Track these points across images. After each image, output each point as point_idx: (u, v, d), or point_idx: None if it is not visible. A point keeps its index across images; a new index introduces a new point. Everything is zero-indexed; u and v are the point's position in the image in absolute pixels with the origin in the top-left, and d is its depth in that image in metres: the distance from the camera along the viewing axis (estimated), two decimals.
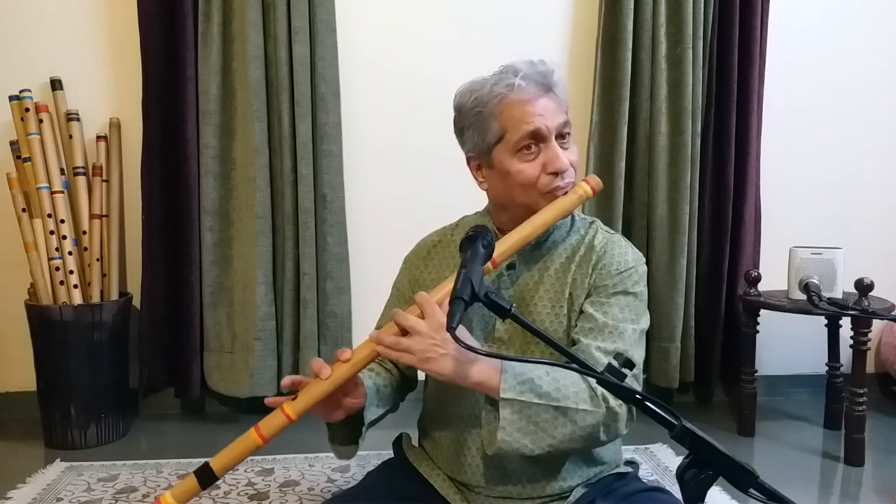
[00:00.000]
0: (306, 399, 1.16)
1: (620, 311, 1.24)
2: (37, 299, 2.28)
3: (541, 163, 1.23)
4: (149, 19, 2.36)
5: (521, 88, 1.22)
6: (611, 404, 1.15)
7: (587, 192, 1.25)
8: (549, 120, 1.22)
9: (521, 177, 1.23)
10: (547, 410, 1.13)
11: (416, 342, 1.12)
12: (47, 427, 2.30)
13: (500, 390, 1.12)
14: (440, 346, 1.11)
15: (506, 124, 1.23)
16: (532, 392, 1.13)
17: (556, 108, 1.24)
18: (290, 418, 1.16)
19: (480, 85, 1.25)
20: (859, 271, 2.20)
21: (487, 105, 1.24)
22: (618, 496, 1.27)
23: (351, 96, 2.51)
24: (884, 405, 2.76)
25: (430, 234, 1.47)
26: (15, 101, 2.30)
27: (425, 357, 1.12)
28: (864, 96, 2.79)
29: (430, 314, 1.12)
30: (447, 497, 1.31)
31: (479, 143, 1.27)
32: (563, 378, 1.15)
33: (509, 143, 1.23)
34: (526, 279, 1.30)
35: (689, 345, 2.63)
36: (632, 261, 1.29)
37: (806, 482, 2.10)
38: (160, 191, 2.42)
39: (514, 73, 1.24)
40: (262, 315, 2.44)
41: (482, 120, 1.25)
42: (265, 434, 1.17)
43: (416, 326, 1.12)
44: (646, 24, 2.50)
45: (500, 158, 1.25)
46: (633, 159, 2.59)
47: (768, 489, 0.87)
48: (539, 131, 1.22)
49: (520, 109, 1.22)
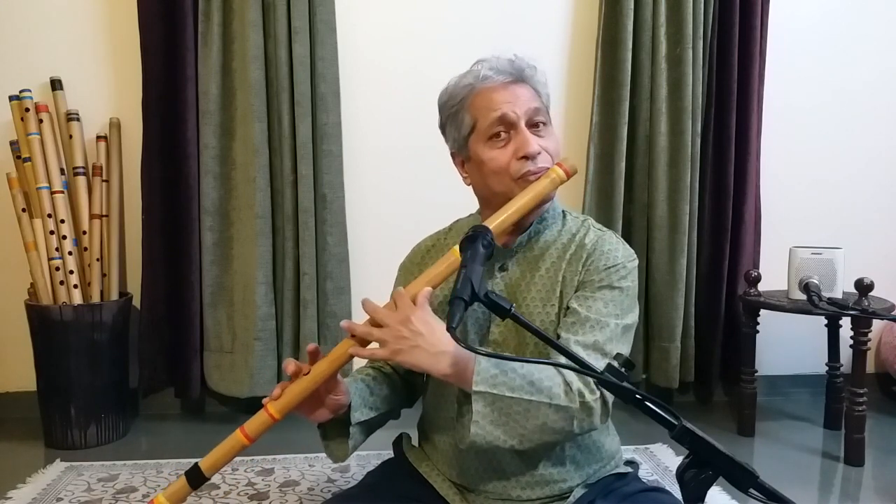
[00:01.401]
0: (288, 397, 1.18)
1: (605, 306, 1.24)
2: (37, 299, 2.28)
3: (512, 149, 1.24)
4: (149, 19, 2.36)
5: (487, 77, 1.25)
6: (586, 399, 1.15)
7: (560, 176, 1.24)
8: (517, 106, 1.24)
9: (493, 164, 1.25)
10: (519, 403, 1.13)
11: (385, 333, 1.14)
12: (47, 427, 2.30)
13: (473, 383, 1.12)
14: (409, 339, 1.12)
15: (476, 114, 1.26)
16: (505, 385, 1.13)
17: (527, 96, 1.26)
18: (273, 417, 1.18)
19: (454, 81, 1.30)
20: (859, 271, 2.20)
21: (458, 98, 1.28)
22: (618, 496, 1.27)
23: (351, 96, 2.51)
24: (884, 405, 2.76)
25: (423, 240, 1.47)
26: (15, 101, 2.30)
27: (395, 349, 1.13)
28: (864, 96, 2.79)
29: (400, 306, 1.14)
30: (447, 497, 1.31)
31: (456, 138, 1.31)
32: (537, 371, 1.15)
33: (480, 131, 1.26)
34: (517, 279, 1.30)
35: (689, 345, 2.63)
36: (620, 257, 1.28)
37: (806, 482, 2.10)
38: (160, 191, 2.42)
39: (480, 63, 1.28)
40: (262, 315, 2.44)
41: (455, 113, 1.29)
42: (250, 434, 1.20)
43: (384, 319, 1.14)
44: (646, 24, 2.50)
45: (474, 149, 1.28)
46: (633, 159, 2.59)
47: (768, 489, 0.87)
48: (506, 116, 1.23)
49: (487, 97, 1.25)
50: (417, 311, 1.13)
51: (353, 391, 1.29)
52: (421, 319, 1.13)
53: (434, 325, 1.14)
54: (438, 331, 1.13)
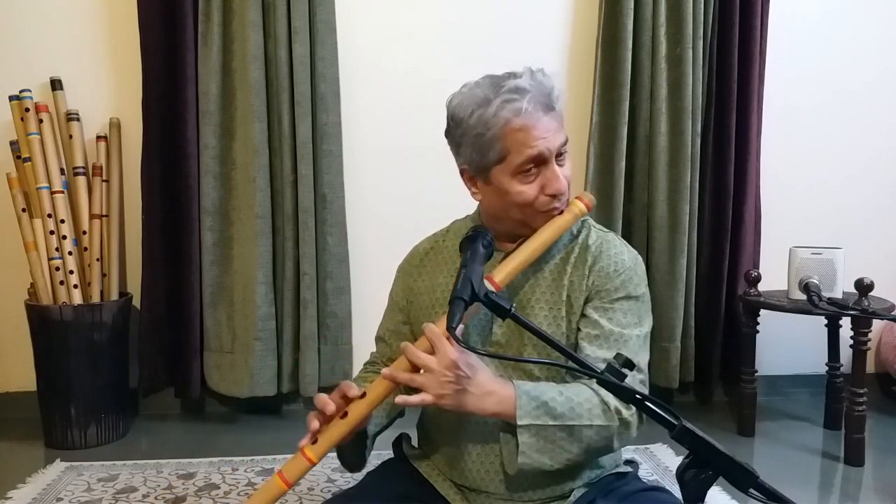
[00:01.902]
0: (327, 442, 1.16)
1: (624, 317, 1.25)
2: (37, 299, 2.28)
3: (539, 184, 1.23)
4: (149, 19, 2.36)
5: (527, 114, 1.18)
6: (623, 416, 1.18)
7: (582, 210, 1.26)
8: (550, 142, 1.21)
9: (520, 198, 1.23)
10: (563, 430, 1.15)
11: (429, 379, 1.12)
12: (47, 427, 2.30)
13: (517, 417, 1.14)
14: (454, 383, 1.12)
15: (509, 147, 1.20)
16: (548, 415, 1.15)
17: (556, 127, 1.22)
18: (311, 461, 1.16)
19: (483, 103, 1.20)
20: (859, 271, 2.20)
21: (491, 127, 1.20)
22: (618, 496, 1.27)
23: (351, 96, 2.51)
24: (884, 405, 2.76)
25: (421, 242, 1.46)
26: (15, 101, 2.30)
27: (440, 394, 1.12)
28: (864, 96, 2.79)
29: (440, 350, 1.12)
30: (447, 497, 1.31)
31: (476, 161, 1.25)
32: (576, 396, 1.17)
33: (511, 165, 1.21)
34: (521, 284, 1.29)
35: (689, 345, 2.63)
36: (629, 261, 1.29)
37: (806, 482, 2.10)
38: (160, 191, 2.42)
39: (519, 93, 1.19)
40: (262, 315, 2.44)
41: (484, 141, 1.21)
42: (289, 479, 1.17)
43: (428, 364, 1.12)
44: (646, 24, 2.50)
45: (498, 178, 1.24)
46: (633, 159, 2.59)
47: (768, 489, 0.87)
48: (542, 155, 1.21)
49: (525, 134, 1.19)
50: (460, 353, 1.12)
51: None
52: (465, 363, 1.12)
53: (477, 366, 1.15)
54: (482, 371, 1.15)
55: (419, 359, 1.13)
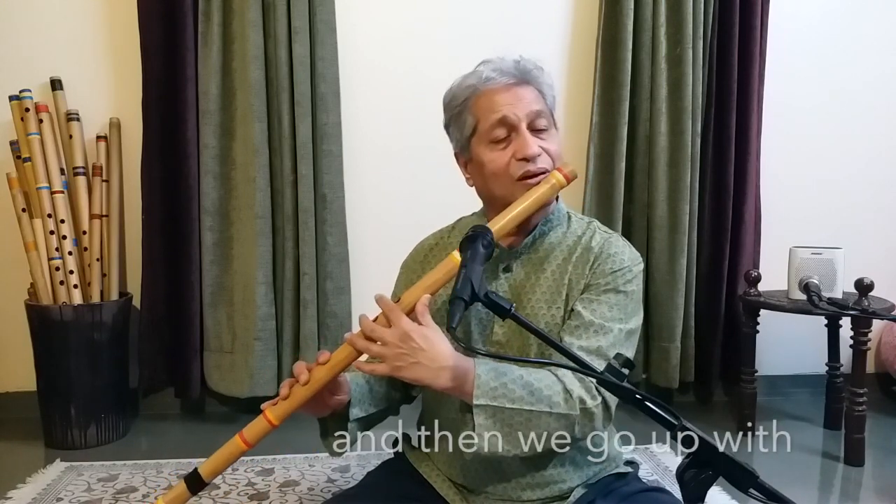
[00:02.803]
0: (287, 404, 1.18)
1: (609, 310, 1.24)
2: (37, 299, 2.28)
3: (511, 151, 1.24)
4: (149, 19, 2.36)
5: (490, 79, 1.24)
6: (587, 405, 1.15)
7: (560, 181, 1.24)
8: (518, 108, 1.23)
9: (492, 165, 1.25)
10: (520, 413, 1.13)
11: (384, 350, 1.12)
12: (47, 427, 2.30)
13: (473, 396, 1.12)
14: (409, 355, 1.11)
15: (477, 115, 1.26)
16: (505, 397, 1.13)
17: (530, 98, 1.25)
18: (272, 423, 1.19)
19: (458, 81, 1.30)
20: (859, 271, 2.20)
21: (461, 98, 1.27)
22: (618, 496, 1.27)
23: (351, 96, 2.51)
24: (884, 405, 2.76)
25: (426, 238, 1.46)
26: (15, 101, 2.30)
27: (395, 365, 1.12)
28: (864, 96, 2.79)
29: (394, 322, 1.12)
30: (447, 498, 1.31)
31: (459, 139, 1.31)
32: (537, 381, 1.15)
33: (481, 133, 1.26)
34: (522, 280, 1.29)
35: (689, 345, 2.63)
36: (627, 260, 1.28)
37: (806, 482, 2.10)
38: (160, 191, 2.42)
39: (484, 64, 1.27)
40: (262, 315, 2.44)
41: (458, 114, 1.28)
42: (249, 439, 1.21)
43: (383, 336, 1.12)
44: (646, 24, 2.50)
45: (476, 150, 1.28)
46: (633, 159, 2.59)
47: (768, 489, 0.87)
48: (507, 118, 1.23)
49: (489, 99, 1.24)
50: (415, 325, 1.12)
51: (353, 387, 1.29)
52: (420, 335, 1.11)
53: (433, 339, 1.12)
54: (438, 344, 1.12)
55: (374, 331, 1.13)
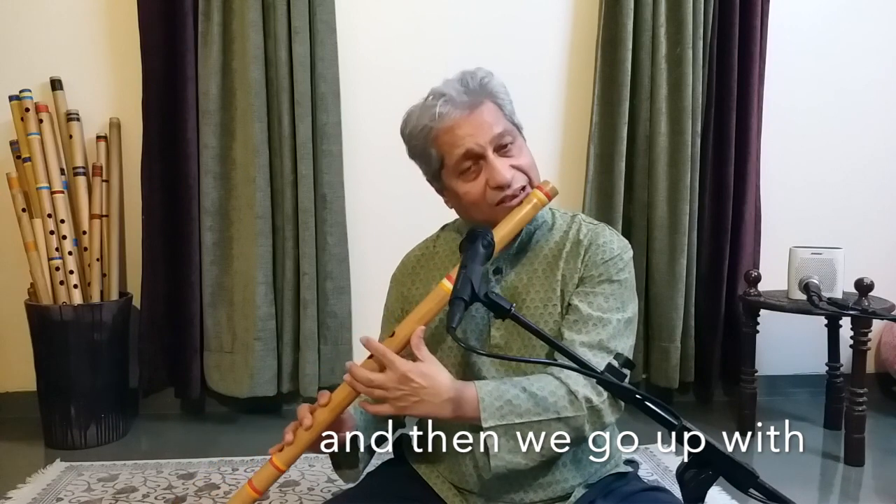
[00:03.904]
0: (293, 449, 1.20)
1: (605, 301, 1.23)
2: (37, 299, 2.28)
3: (484, 178, 1.22)
4: (149, 19, 2.36)
5: (442, 116, 1.21)
6: (594, 403, 1.15)
7: (542, 200, 1.22)
8: (480, 137, 1.20)
9: (468, 197, 1.24)
10: (530, 426, 1.13)
11: (386, 394, 1.11)
12: (47, 427, 2.30)
13: (482, 420, 1.12)
14: (411, 395, 1.10)
15: (441, 150, 1.24)
16: (513, 413, 1.13)
17: (490, 120, 1.22)
18: (280, 469, 1.21)
19: (411, 117, 1.28)
20: (859, 271, 2.20)
21: (420, 137, 1.26)
22: (618, 496, 1.27)
23: (351, 96, 2.51)
24: (884, 405, 2.76)
25: (412, 250, 1.46)
26: (15, 101, 2.31)
27: (399, 406, 1.12)
28: (864, 96, 2.79)
29: (389, 366, 1.11)
30: (446, 499, 1.31)
31: (427, 171, 1.30)
32: (540, 390, 1.15)
33: (449, 167, 1.24)
34: (514, 282, 1.29)
35: (689, 345, 2.63)
36: (617, 248, 1.28)
37: (806, 482, 2.10)
38: (160, 191, 2.42)
39: (435, 97, 1.24)
40: (262, 315, 2.44)
41: (421, 151, 1.27)
42: (259, 487, 1.22)
43: (382, 384, 1.11)
44: (646, 24, 2.50)
45: (448, 182, 1.26)
46: (633, 159, 2.59)
47: (768, 489, 0.87)
48: (471, 151, 1.21)
49: (449, 134, 1.22)
50: (411, 364, 1.11)
51: (357, 416, 1.30)
52: (418, 373, 1.10)
53: (431, 373, 1.12)
54: (437, 378, 1.12)
55: (371, 381, 1.12)
